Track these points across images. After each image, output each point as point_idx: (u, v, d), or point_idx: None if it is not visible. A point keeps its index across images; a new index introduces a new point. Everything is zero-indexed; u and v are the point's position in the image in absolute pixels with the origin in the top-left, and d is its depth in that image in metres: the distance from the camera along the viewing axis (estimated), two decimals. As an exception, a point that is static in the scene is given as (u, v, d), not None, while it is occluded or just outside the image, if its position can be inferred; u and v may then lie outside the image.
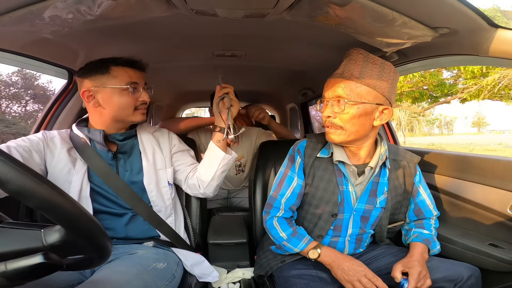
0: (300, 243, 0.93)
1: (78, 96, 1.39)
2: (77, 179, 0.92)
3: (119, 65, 0.96)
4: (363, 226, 0.98)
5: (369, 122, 0.87)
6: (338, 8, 0.78)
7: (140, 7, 0.81)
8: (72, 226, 0.44)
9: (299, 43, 1.27)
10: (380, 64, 0.86)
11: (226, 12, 0.89)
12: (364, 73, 0.85)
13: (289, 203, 0.99)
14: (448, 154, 1.24)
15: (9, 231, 0.45)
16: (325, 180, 0.96)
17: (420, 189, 1.03)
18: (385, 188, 0.96)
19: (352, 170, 0.94)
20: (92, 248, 0.48)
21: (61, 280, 0.76)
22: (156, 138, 1.11)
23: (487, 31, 0.79)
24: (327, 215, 0.96)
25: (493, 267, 0.92)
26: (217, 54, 1.45)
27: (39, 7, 0.73)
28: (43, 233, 0.45)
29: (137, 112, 1.00)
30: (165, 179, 1.05)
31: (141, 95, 1.00)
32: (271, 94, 2.82)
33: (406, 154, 1.03)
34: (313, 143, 1.01)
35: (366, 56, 0.87)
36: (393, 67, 0.88)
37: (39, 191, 0.40)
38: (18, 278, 0.42)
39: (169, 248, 1.00)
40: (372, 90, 0.84)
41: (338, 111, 0.86)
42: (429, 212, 1.02)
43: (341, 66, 0.90)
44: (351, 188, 0.95)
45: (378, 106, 0.86)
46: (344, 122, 0.87)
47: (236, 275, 1.23)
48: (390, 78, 0.86)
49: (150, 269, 0.82)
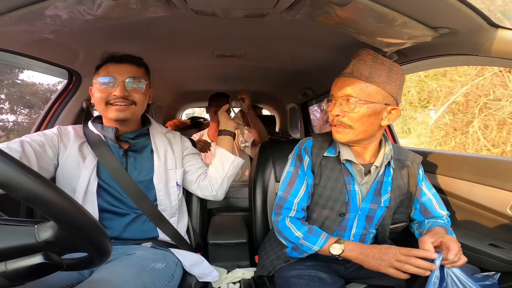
0: (318, 240, 0.89)
1: (78, 96, 1.40)
2: (86, 174, 0.94)
3: (103, 61, 0.99)
4: (367, 226, 0.98)
5: (377, 121, 0.88)
6: (338, 8, 0.79)
7: (140, 7, 0.81)
8: (67, 222, 0.43)
9: (299, 43, 1.27)
10: (388, 65, 0.87)
11: (226, 12, 0.89)
12: (374, 74, 0.85)
13: (302, 203, 0.96)
14: (448, 154, 1.24)
15: (2, 228, 0.44)
16: (333, 179, 0.96)
17: (424, 189, 1.01)
18: (389, 188, 0.96)
19: (359, 169, 0.94)
20: (92, 247, 0.48)
21: (60, 279, 0.76)
22: (168, 139, 1.11)
23: (487, 31, 0.79)
24: (335, 214, 0.95)
25: (493, 267, 0.92)
26: (217, 54, 1.45)
27: (39, 7, 0.73)
28: (36, 229, 0.44)
29: (111, 108, 0.96)
30: (174, 179, 1.05)
31: (115, 89, 0.95)
32: (271, 94, 2.82)
33: (409, 154, 1.03)
34: (319, 142, 1.00)
35: (375, 57, 0.88)
36: (401, 69, 0.89)
37: (27, 183, 0.39)
38: (18, 278, 0.42)
39: (168, 248, 1.00)
40: (381, 90, 0.85)
41: (347, 110, 0.87)
42: (436, 211, 1.00)
43: (350, 66, 0.90)
44: (357, 188, 0.95)
45: (387, 106, 0.87)
46: (353, 121, 0.87)
47: (236, 275, 1.23)
48: (398, 79, 0.88)
49: (148, 269, 0.82)
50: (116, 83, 0.95)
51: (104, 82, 0.95)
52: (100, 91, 0.95)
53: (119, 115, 0.96)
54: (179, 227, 1.07)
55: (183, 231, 1.09)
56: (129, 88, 0.97)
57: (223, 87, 2.14)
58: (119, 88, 0.94)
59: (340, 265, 1.01)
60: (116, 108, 0.95)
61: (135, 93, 0.98)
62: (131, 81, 0.97)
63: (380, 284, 0.96)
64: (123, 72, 0.97)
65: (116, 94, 0.94)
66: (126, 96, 0.96)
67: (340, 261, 1.01)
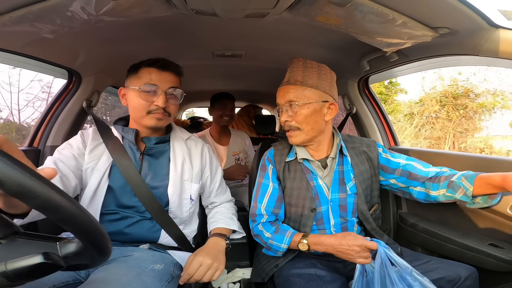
0: (284, 238, 0.95)
1: (78, 96, 1.39)
2: (97, 176, 0.93)
3: (145, 65, 0.95)
4: (343, 214, 1.02)
5: (321, 118, 0.98)
6: (338, 8, 0.79)
7: (140, 7, 0.81)
8: (68, 222, 0.43)
9: (299, 43, 1.27)
10: (317, 67, 0.97)
11: (226, 12, 0.89)
12: (306, 77, 0.96)
13: (269, 208, 1.03)
14: (448, 154, 1.24)
15: (26, 243, 0.46)
16: (297, 179, 1.03)
17: (393, 159, 1.04)
18: (351, 175, 1.02)
19: (317, 165, 1.03)
20: (93, 247, 0.48)
21: (55, 277, 0.75)
22: (188, 147, 1.08)
23: (487, 31, 0.79)
24: (307, 210, 1.00)
25: (493, 267, 0.92)
26: (217, 54, 1.45)
27: (39, 7, 0.73)
28: (58, 246, 0.46)
29: (150, 116, 0.95)
30: (188, 191, 1.03)
31: (157, 99, 0.94)
32: (271, 94, 2.80)
33: (363, 141, 1.10)
34: (279, 150, 1.09)
35: (304, 62, 0.98)
36: (328, 69, 1.00)
37: (35, 187, 0.39)
38: (18, 278, 0.42)
39: (165, 251, 1.00)
40: (316, 90, 0.95)
41: (292, 114, 0.97)
42: (421, 171, 1.00)
43: (286, 75, 1.01)
44: (321, 182, 1.02)
45: (325, 103, 0.97)
46: (300, 123, 0.97)
47: (236, 275, 1.23)
48: (328, 78, 0.98)
49: (148, 271, 0.82)
50: (158, 92, 0.93)
51: (146, 90, 0.93)
52: (143, 98, 0.93)
53: (158, 123, 0.96)
54: (186, 231, 1.06)
55: (190, 235, 1.08)
56: (168, 98, 0.96)
57: (223, 87, 2.14)
58: (161, 98, 0.93)
59: (339, 262, 1.01)
60: (156, 116, 0.95)
61: (172, 103, 0.97)
62: (171, 91, 0.96)
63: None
64: (165, 81, 0.95)
65: (158, 105, 0.93)
66: (166, 106, 0.95)
67: (339, 258, 1.01)
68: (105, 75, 1.47)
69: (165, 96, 0.95)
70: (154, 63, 0.95)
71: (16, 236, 0.47)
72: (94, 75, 1.40)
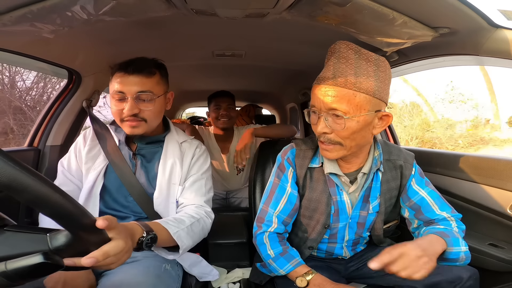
0: (287, 265, 0.85)
1: (78, 96, 1.39)
2: (93, 175, 0.94)
3: (116, 69, 0.91)
4: (359, 232, 0.95)
5: (369, 132, 0.78)
6: (338, 8, 0.78)
7: (140, 7, 0.80)
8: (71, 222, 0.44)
9: (299, 43, 1.27)
10: (374, 61, 0.73)
11: (226, 12, 0.89)
12: (360, 76, 0.71)
13: (282, 216, 0.91)
14: (448, 154, 1.24)
15: (14, 235, 0.45)
16: (318, 191, 0.90)
17: (415, 187, 0.90)
18: (378, 194, 0.89)
19: (344, 180, 0.88)
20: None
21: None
22: (182, 150, 1.02)
23: (487, 31, 0.79)
24: (321, 227, 0.91)
25: (493, 267, 0.92)
26: (217, 54, 1.45)
27: (39, 7, 0.73)
28: (48, 237, 0.46)
29: (124, 124, 0.91)
30: (174, 195, 0.97)
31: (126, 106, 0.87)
32: (271, 93, 2.82)
33: (401, 153, 0.93)
34: (302, 151, 0.92)
35: (358, 51, 0.73)
36: (387, 63, 0.76)
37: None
38: (18, 278, 0.42)
39: None
40: (372, 98, 0.72)
41: (335, 128, 0.74)
42: (432, 212, 0.87)
43: (329, 66, 0.75)
44: (345, 197, 0.89)
45: (377, 113, 0.76)
46: (343, 138, 0.76)
47: (236, 275, 1.23)
48: (386, 77, 0.75)
49: (163, 271, 0.83)
50: (126, 98, 0.87)
51: (116, 98, 0.88)
52: (114, 105, 0.90)
53: (133, 131, 0.91)
54: None
55: None
56: (139, 104, 0.88)
57: (223, 87, 2.14)
58: (128, 105, 0.86)
59: (340, 264, 1.01)
60: (129, 124, 0.89)
61: (146, 109, 0.89)
62: (140, 95, 0.88)
63: (380, 284, 0.96)
64: (131, 86, 0.87)
65: (125, 113, 0.87)
66: (136, 113, 0.88)
67: (341, 260, 1.01)
68: (105, 75, 1.47)
69: (133, 102, 0.87)
70: (122, 67, 0.89)
71: (5, 228, 0.46)
72: (94, 75, 1.40)
